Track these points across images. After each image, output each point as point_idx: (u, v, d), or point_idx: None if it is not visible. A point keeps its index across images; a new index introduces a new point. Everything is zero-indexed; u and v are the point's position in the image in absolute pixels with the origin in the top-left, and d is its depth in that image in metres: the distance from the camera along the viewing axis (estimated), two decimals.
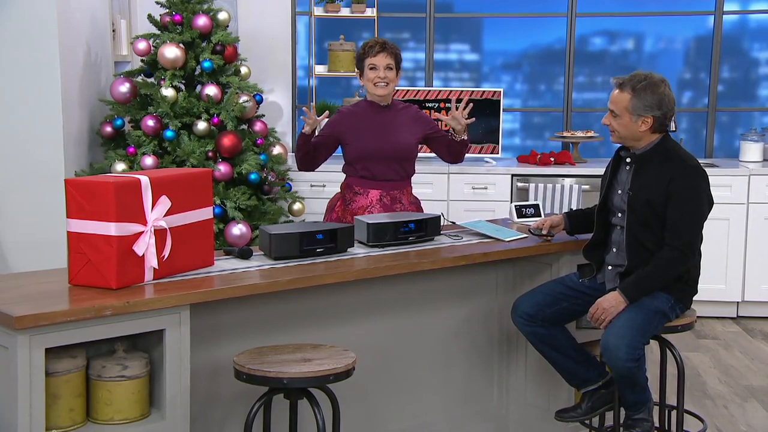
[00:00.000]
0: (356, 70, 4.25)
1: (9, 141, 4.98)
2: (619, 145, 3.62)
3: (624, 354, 3.31)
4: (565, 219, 3.84)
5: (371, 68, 4.14)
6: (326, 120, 4.19)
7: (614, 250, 3.58)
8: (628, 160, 3.55)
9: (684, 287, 3.51)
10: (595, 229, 3.65)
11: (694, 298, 3.60)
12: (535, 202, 4.54)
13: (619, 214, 3.56)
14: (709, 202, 3.49)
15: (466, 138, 4.19)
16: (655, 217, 3.43)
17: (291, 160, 6.23)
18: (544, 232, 3.83)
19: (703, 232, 3.51)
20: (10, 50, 4.95)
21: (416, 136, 4.22)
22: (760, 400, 4.71)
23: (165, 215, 3.01)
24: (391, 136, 4.16)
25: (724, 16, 6.77)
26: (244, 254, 3.42)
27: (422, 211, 4.30)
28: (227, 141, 5.32)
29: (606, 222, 3.62)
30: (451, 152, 4.25)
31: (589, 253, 3.67)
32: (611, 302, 3.42)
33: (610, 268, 3.60)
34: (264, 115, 5.86)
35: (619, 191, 3.56)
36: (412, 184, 4.31)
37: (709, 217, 3.53)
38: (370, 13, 6.43)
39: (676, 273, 3.44)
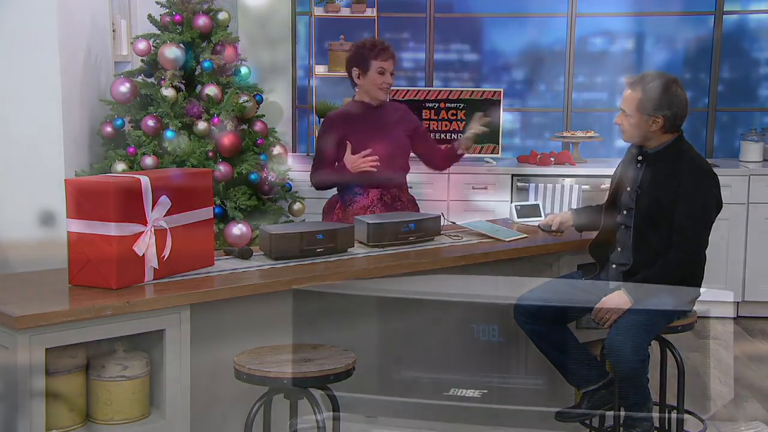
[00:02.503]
0: (355, 68, 4.16)
1: (9, 141, 4.97)
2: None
3: (630, 354, 3.30)
4: (573, 215, 3.86)
5: (380, 72, 4.11)
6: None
7: (619, 249, 3.58)
8: (639, 158, 3.55)
9: (688, 289, 3.51)
10: (602, 226, 3.65)
11: None
12: (535, 202, 4.54)
13: (625, 212, 3.54)
14: (718, 207, 3.48)
15: (465, 153, 4.31)
16: (661, 216, 3.42)
17: (291, 160, 6.22)
18: (553, 228, 3.84)
19: None
20: (10, 50, 4.94)
21: (407, 133, 4.25)
22: (760, 400, 4.70)
23: (165, 215, 3.01)
24: (385, 135, 4.16)
25: (724, 16, 6.77)
26: (244, 254, 3.42)
27: (418, 209, 4.30)
28: (227, 141, 5.31)
29: (613, 219, 3.61)
30: (445, 159, 4.34)
31: (594, 251, 3.66)
32: (616, 302, 3.42)
33: (614, 266, 3.59)
34: (264, 115, 5.85)
35: (628, 188, 3.55)
36: (407, 183, 4.32)
37: None
38: (370, 13, 6.42)
39: (682, 275, 3.44)
